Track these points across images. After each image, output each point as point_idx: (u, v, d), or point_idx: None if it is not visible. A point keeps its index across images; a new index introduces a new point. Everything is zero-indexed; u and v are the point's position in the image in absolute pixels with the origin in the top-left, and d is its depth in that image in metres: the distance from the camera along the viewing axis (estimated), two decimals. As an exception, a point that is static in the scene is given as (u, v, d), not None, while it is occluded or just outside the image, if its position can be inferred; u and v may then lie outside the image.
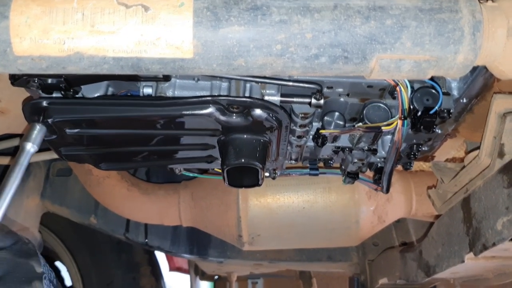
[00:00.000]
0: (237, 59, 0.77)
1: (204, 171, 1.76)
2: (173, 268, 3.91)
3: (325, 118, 1.20)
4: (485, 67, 1.03)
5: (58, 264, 3.08)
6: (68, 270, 2.84)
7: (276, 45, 0.76)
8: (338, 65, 0.79)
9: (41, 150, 1.91)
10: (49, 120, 1.09)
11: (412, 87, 1.08)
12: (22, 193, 2.07)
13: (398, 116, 1.11)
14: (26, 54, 0.74)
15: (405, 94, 1.07)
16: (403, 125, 1.11)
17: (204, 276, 3.32)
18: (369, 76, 0.83)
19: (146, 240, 2.28)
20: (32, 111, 1.08)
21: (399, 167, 1.46)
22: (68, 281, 3.00)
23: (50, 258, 3.02)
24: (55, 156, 1.30)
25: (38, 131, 1.07)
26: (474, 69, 1.08)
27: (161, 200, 2.06)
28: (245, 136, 1.18)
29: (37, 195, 2.17)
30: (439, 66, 0.81)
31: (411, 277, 1.64)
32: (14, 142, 1.85)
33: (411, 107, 1.09)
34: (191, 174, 1.60)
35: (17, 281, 0.84)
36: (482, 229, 1.09)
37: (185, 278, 3.72)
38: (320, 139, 1.23)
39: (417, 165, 1.92)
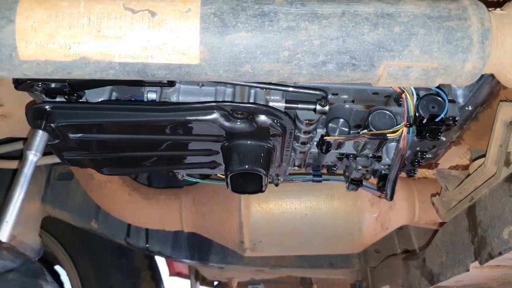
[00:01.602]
0: (244, 65, 0.76)
1: (206, 177, 1.75)
2: (173, 273, 3.90)
3: (330, 124, 1.19)
4: (491, 75, 1.03)
5: (58, 268, 3.07)
6: (68, 275, 2.83)
7: (283, 51, 0.75)
8: (346, 72, 0.78)
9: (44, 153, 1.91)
10: (52, 125, 1.08)
11: (417, 94, 1.08)
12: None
13: (403, 123, 1.10)
14: (32, 58, 0.73)
15: (410, 101, 1.06)
16: (408, 132, 1.10)
17: (204, 281, 3.31)
18: (377, 84, 0.82)
19: (147, 245, 2.28)
20: (35, 115, 1.08)
21: (402, 174, 1.45)
22: (67, 286, 2.99)
23: (50, 262, 3.01)
24: (57, 160, 1.29)
25: (41, 137, 1.05)
26: (481, 77, 1.07)
27: (162, 205, 2.05)
28: (249, 142, 1.17)
29: (38, 199, 2.16)
30: (447, 74, 0.80)
31: (414, 285, 1.62)
32: (16, 146, 1.84)
33: (417, 114, 1.09)
34: (193, 180, 1.59)
35: None
36: (488, 238, 1.08)
37: (185, 283, 3.71)
38: (324, 146, 1.22)
39: (420, 172, 1.91)
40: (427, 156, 1.36)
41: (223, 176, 1.25)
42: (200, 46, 0.74)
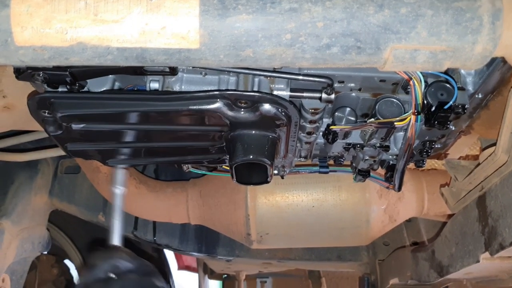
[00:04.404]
0: (245, 49, 0.74)
1: (213, 169, 1.74)
2: (181, 266, 3.90)
3: (336, 113, 1.17)
4: (502, 60, 0.99)
5: (67, 262, 3.08)
6: (77, 268, 2.84)
7: (285, 34, 0.73)
8: (351, 55, 0.75)
9: (49, 146, 1.91)
10: (55, 115, 1.07)
11: (426, 82, 1.05)
12: (30, 191, 2.06)
13: (411, 111, 1.07)
14: (28, 44, 0.72)
15: (418, 89, 1.03)
16: (416, 120, 1.08)
17: (212, 275, 3.31)
18: (383, 68, 0.79)
19: (155, 238, 2.27)
20: (37, 106, 1.07)
21: (411, 165, 1.43)
22: (76, 280, 3.00)
23: (59, 256, 3.03)
24: (63, 153, 1.29)
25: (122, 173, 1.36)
26: (491, 62, 1.04)
27: (169, 197, 2.04)
28: (253, 132, 1.15)
29: (45, 193, 2.16)
30: (456, 57, 0.77)
31: (423, 277, 1.60)
32: (22, 139, 1.84)
33: (425, 102, 1.06)
34: (199, 172, 1.58)
35: None
36: (498, 228, 1.06)
37: (194, 277, 3.71)
38: (330, 136, 1.20)
39: (429, 163, 1.88)
40: (436, 146, 1.33)
41: (228, 168, 1.23)
42: (200, 30, 0.72)
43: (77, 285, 1.18)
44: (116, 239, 1.28)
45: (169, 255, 3.31)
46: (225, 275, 3.43)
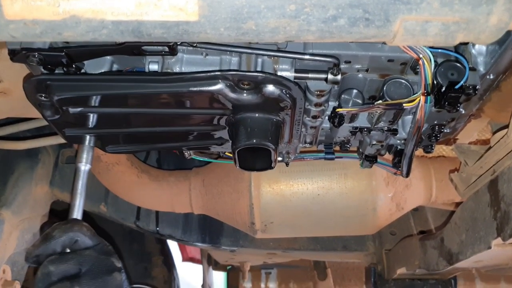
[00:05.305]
0: (247, 21, 0.70)
1: (218, 157, 1.71)
2: (185, 258, 3.89)
3: (342, 96, 1.13)
4: (516, 38, 0.95)
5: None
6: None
7: (289, 5, 0.69)
8: (359, 28, 0.71)
9: (49, 134, 1.88)
10: (52, 98, 1.04)
11: (435, 61, 1.01)
12: (30, 181, 2.03)
13: (420, 92, 1.03)
14: (18, 17, 0.68)
15: (428, 68, 1.00)
16: (426, 101, 1.04)
17: (217, 266, 3.29)
18: (392, 42, 0.75)
19: (157, 228, 2.25)
20: (34, 89, 1.03)
21: (418, 152, 1.39)
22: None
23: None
24: (63, 141, 1.26)
25: (87, 149, 1.21)
26: (503, 41, 1.00)
27: (171, 187, 2.01)
28: (256, 115, 1.11)
29: (46, 183, 2.14)
30: (470, 29, 0.73)
31: (432, 266, 1.57)
32: (20, 127, 1.81)
33: (435, 82, 1.02)
34: (201, 159, 1.55)
35: (100, 272, 1.03)
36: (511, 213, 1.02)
37: (198, 268, 3.70)
38: (337, 119, 1.16)
39: (436, 150, 1.84)
40: (445, 130, 1.30)
41: (231, 155, 1.20)
42: (199, 1, 0.68)
43: (26, 257, 1.06)
44: (76, 213, 1.19)
45: (173, 246, 3.29)
46: (230, 266, 3.42)
